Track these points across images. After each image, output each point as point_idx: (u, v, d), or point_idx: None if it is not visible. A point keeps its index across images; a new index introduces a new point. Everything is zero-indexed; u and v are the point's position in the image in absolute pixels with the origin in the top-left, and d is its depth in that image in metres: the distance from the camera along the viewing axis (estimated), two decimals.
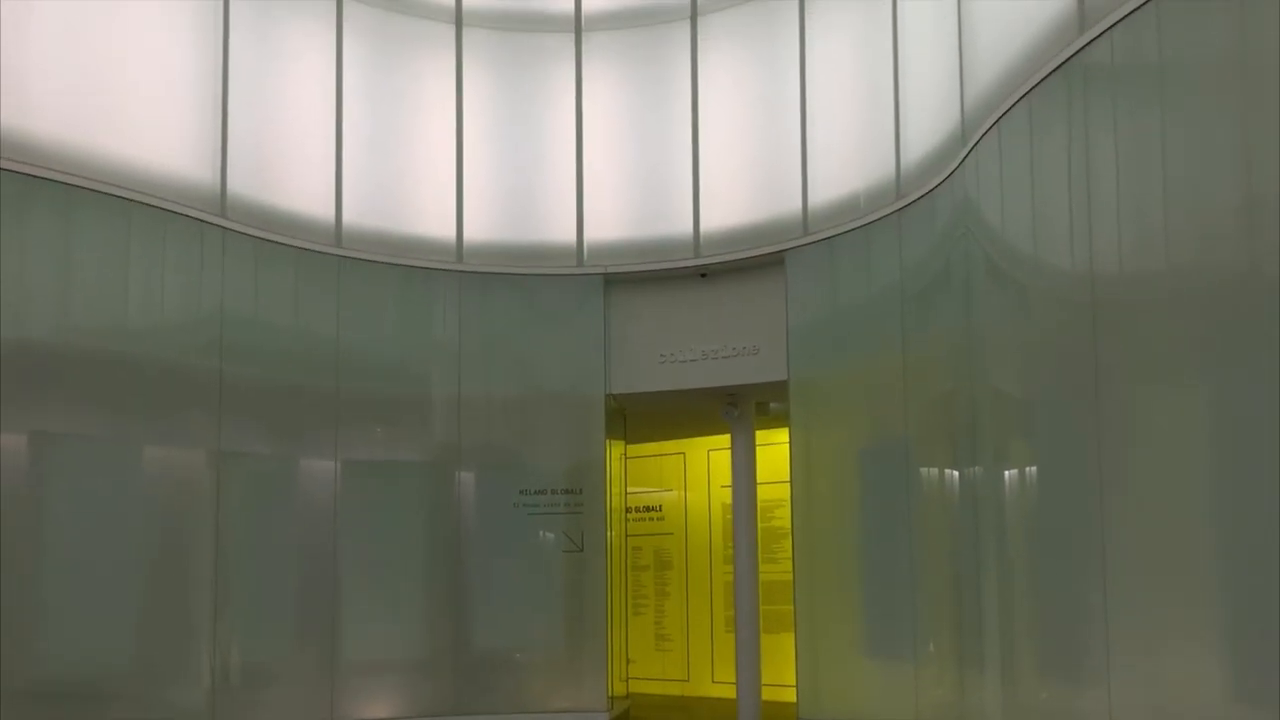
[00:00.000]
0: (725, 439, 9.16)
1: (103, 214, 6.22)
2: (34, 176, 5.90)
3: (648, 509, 11.55)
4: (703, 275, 8.19)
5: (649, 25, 8.31)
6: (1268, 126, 3.35)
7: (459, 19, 8.24)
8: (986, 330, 5.43)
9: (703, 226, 8.10)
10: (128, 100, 6.44)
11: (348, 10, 7.80)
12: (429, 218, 8.11)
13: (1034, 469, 4.90)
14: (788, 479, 7.71)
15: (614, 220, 8.31)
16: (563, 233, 8.31)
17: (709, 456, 11.19)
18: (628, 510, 10.43)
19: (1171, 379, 3.86)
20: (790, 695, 7.82)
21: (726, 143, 8.09)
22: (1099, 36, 4.28)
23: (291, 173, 7.44)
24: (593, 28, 8.38)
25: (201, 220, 6.74)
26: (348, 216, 7.72)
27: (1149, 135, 3.98)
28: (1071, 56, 4.46)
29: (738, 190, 8.04)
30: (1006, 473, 5.13)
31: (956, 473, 6.00)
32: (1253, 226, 3.40)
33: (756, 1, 7.99)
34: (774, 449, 9.34)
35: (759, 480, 8.80)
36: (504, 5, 8.35)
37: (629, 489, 10.01)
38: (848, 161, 7.36)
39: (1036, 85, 4.73)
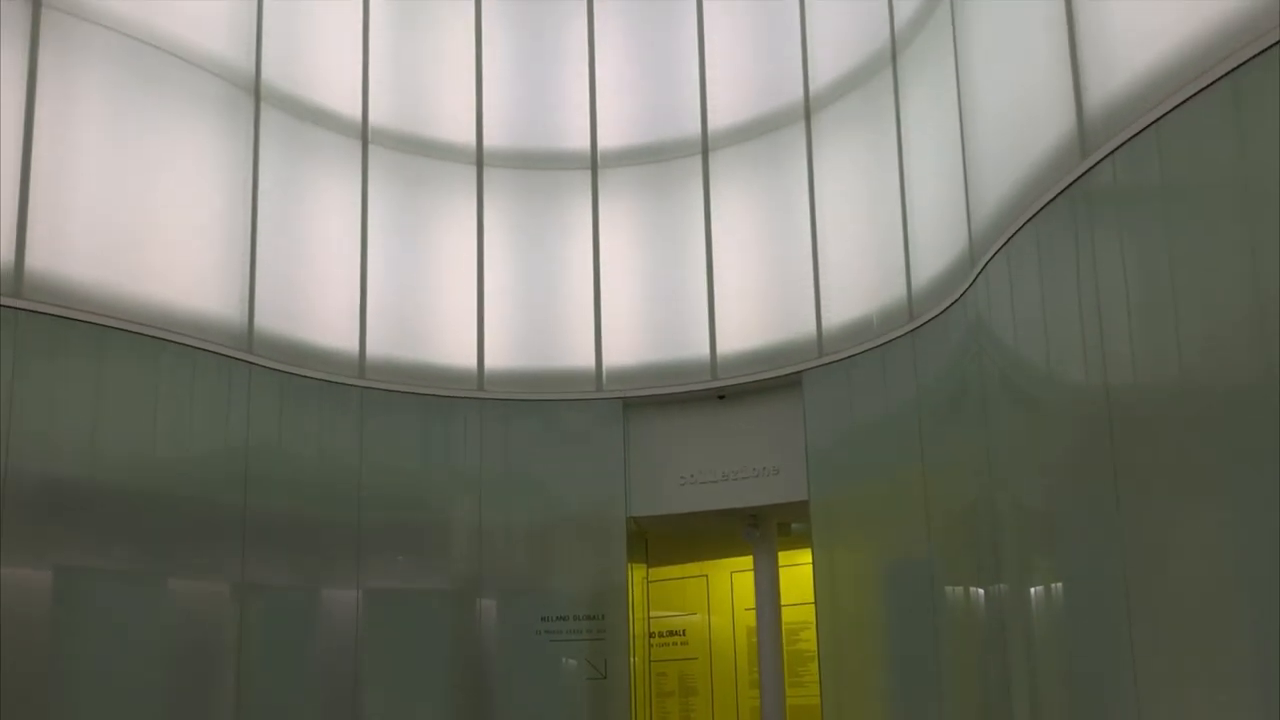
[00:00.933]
0: (748, 560, 9.09)
1: (133, 352, 6.34)
2: (66, 318, 6.04)
3: (671, 633, 11.39)
4: (720, 397, 8.25)
5: (662, 161, 8.55)
6: (1271, 241, 3.43)
7: (479, 159, 8.51)
8: (1004, 446, 5.46)
9: (719, 350, 8.20)
10: (159, 242, 6.62)
11: (372, 154, 8.06)
12: (450, 347, 8.24)
13: (1059, 585, 4.87)
14: (812, 600, 7.64)
15: (632, 346, 8.42)
16: (582, 359, 8.43)
17: (732, 578, 11.08)
18: (651, 635, 10.29)
19: (1189, 489, 3.87)
20: None
21: (740, 269, 8.24)
22: (1101, 161, 4.40)
23: (316, 308, 7.61)
24: (608, 164, 8.63)
25: (229, 356, 6.88)
26: (371, 349, 7.85)
27: (1155, 254, 4.06)
28: (1074, 181, 4.58)
29: (753, 314, 8.15)
30: (1032, 590, 5.10)
31: (982, 590, 5.96)
32: (1263, 338, 3.46)
33: (765, 135, 8.23)
34: (797, 570, 9.26)
35: (783, 602, 8.71)
36: (523, 145, 8.62)
37: (652, 613, 9.90)
38: (860, 284, 7.48)
39: (1041, 209, 4.85)
